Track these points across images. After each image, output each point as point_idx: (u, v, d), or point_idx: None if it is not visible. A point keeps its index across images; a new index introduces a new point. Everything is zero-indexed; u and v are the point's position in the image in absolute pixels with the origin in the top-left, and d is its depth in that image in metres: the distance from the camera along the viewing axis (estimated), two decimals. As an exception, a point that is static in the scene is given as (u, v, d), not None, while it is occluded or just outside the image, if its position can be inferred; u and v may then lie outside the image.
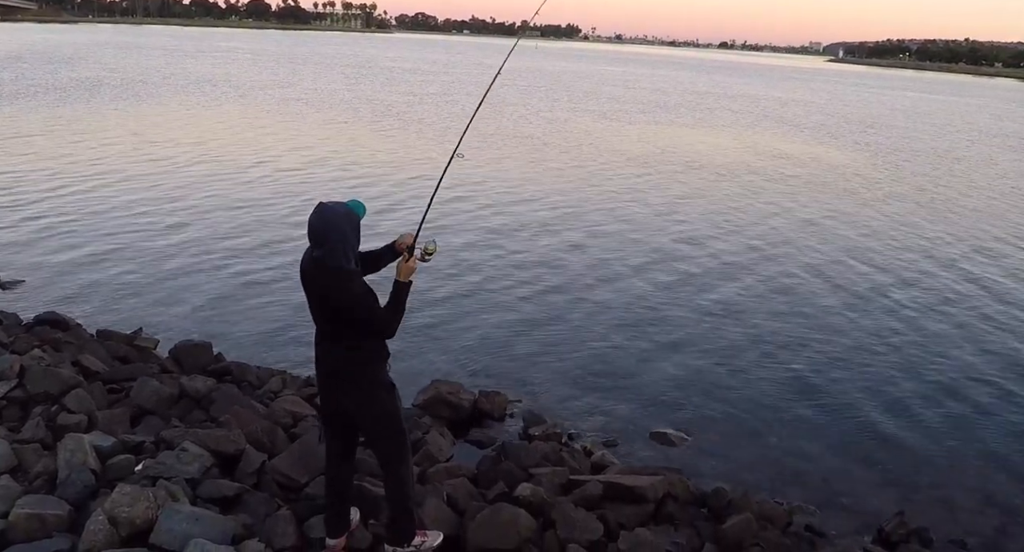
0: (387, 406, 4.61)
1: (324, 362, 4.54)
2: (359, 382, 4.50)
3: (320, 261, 4.28)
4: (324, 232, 4.23)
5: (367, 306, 4.32)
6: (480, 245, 14.49)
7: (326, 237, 4.23)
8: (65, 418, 6.26)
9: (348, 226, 4.27)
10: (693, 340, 10.74)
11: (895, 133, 41.67)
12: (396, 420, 4.66)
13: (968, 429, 8.71)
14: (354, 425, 4.72)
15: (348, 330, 4.40)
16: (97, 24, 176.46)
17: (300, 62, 75.08)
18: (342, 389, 4.52)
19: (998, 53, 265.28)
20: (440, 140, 27.74)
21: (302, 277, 4.45)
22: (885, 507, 7.01)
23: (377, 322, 4.38)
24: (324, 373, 4.57)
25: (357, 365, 4.48)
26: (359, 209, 4.38)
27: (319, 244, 4.26)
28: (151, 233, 14.16)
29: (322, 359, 4.54)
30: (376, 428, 4.67)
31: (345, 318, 4.37)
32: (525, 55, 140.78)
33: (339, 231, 4.23)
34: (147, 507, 4.73)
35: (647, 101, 53.63)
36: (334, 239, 4.23)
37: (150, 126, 27.67)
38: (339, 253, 4.25)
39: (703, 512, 6.44)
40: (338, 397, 4.57)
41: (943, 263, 15.40)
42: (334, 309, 4.37)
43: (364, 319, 4.35)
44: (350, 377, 4.49)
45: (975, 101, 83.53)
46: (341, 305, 4.32)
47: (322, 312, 4.46)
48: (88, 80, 42.89)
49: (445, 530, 5.26)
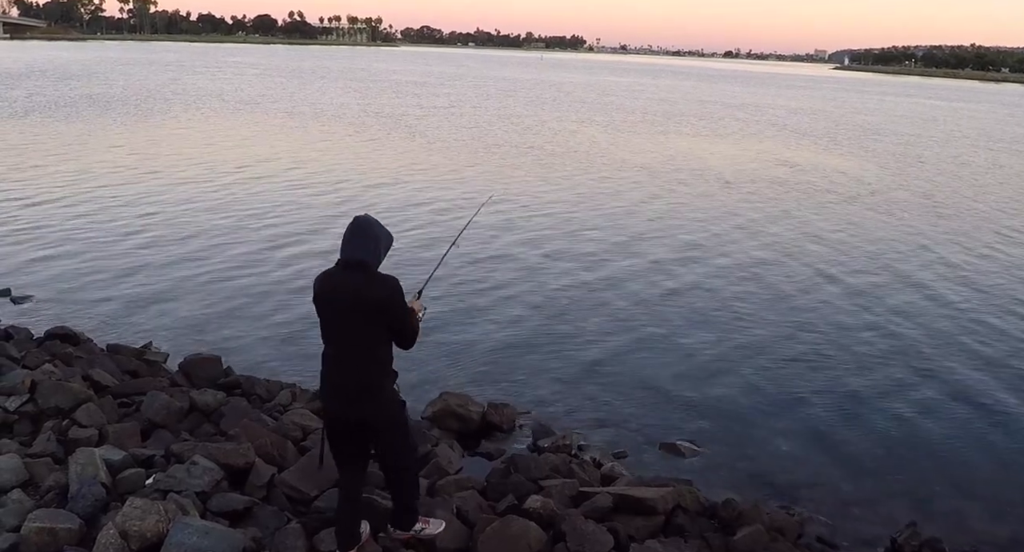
0: (401, 419, 4.88)
1: (345, 381, 4.63)
2: (379, 395, 4.67)
3: (358, 265, 4.44)
4: (368, 238, 4.47)
5: (403, 304, 4.57)
6: (487, 257, 14.50)
7: (368, 242, 4.47)
8: (76, 432, 6.29)
9: (386, 240, 4.58)
10: (702, 350, 10.71)
11: (902, 140, 41.57)
12: (407, 430, 4.96)
13: (981, 438, 8.64)
14: (368, 437, 4.81)
15: (376, 344, 4.57)
16: (105, 41, 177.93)
17: (307, 76, 75.54)
18: (363, 401, 4.63)
19: (1005, 58, 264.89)
20: (448, 155, 27.82)
21: (325, 293, 4.55)
22: (897, 517, 6.96)
23: (410, 323, 4.62)
24: (343, 395, 4.65)
25: (377, 379, 4.65)
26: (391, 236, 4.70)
27: (361, 247, 4.45)
28: (160, 247, 14.23)
29: (343, 379, 4.63)
30: (393, 438, 4.84)
31: (380, 320, 4.50)
32: (531, 66, 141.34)
33: (377, 242, 4.51)
34: (158, 521, 4.75)
35: (653, 111, 53.70)
36: (373, 247, 4.48)
37: (159, 141, 27.85)
38: (378, 259, 4.51)
39: (713, 524, 6.39)
40: (359, 409, 4.66)
41: (956, 270, 15.32)
42: (376, 317, 4.48)
43: (400, 317, 4.55)
44: (371, 390, 4.63)
45: (982, 107, 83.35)
46: (382, 305, 4.47)
47: (355, 325, 4.51)
48: (97, 96, 43.22)
49: (455, 544, 5.26)
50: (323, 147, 28.53)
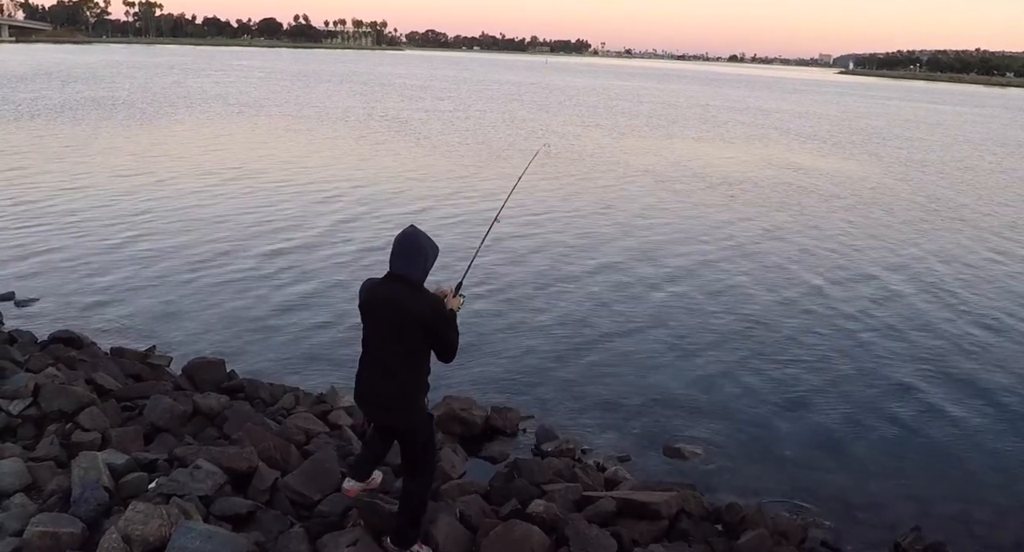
0: (426, 431, 4.97)
1: (378, 390, 4.78)
2: (406, 406, 4.80)
3: (404, 279, 4.55)
4: (417, 251, 4.56)
5: (448, 321, 4.63)
6: (490, 262, 14.49)
7: (417, 255, 4.55)
8: (79, 436, 6.30)
9: (433, 255, 4.66)
10: (705, 355, 10.70)
11: (906, 144, 41.53)
12: (431, 441, 5.05)
13: (985, 442, 8.62)
14: (395, 438, 5.11)
15: (411, 356, 4.66)
16: (111, 44, 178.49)
17: (313, 80, 75.67)
18: (391, 410, 4.82)
19: (1009, 63, 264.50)
20: (460, 161, 27.85)
21: (369, 302, 4.67)
22: (901, 521, 6.95)
23: (453, 336, 4.66)
24: (375, 393, 4.81)
25: (407, 390, 4.76)
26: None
27: (410, 261, 4.55)
28: (165, 251, 14.24)
29: (376, 387, 4.78)
30: (414, 449, 4.96)
31: (422, 334, 4.57)
32: (536, 70, 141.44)
33: (426, 255, 4.59)
34: (160, 525, 4.74)
35: (658, 115, 53.70)
36: (421, 260, 4.57)
37: (165, 145, 27.91)
38: (425, 273, 4.61)
39: (717, 528, 6.39)
40: (386, 416, 4.92)
41: (958, 274, 15.29)
42: (416, 331, 4.55)
43: (444, 333, 4.62)
44: (400, 401, 4.77)
45: (986, 111, 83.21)
46: (423, 320, 4.53)
47: (395, 336, 4.61)
48: (103, 99, 43.32)
49: (458, 548, 5.25)
50: (327, 152, 28.57)
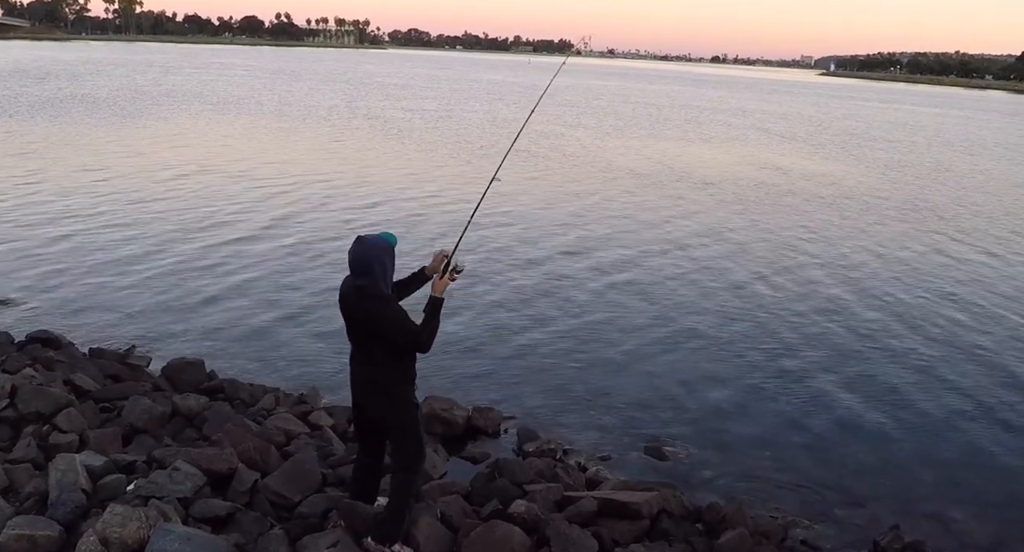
0: (411, 420, 5.04)
1: (360, 380, 5.01)
2: (388, 397, 4.94)
3: (362, 288, 4.74)
4: (368, 263, 4.70)
5: (404, 327, 4.75)
6: (471, 261, 14.48)
7: (370, 267, 4.70)
8: (56, 437, 6.24)
9: (387, 257, 4.77)
10: (687, 355, 10.74)
11: (885, 145, 41.86)
12: (417, 434, 5.10)
13: (964, 441, 8.71)
14: (383, 432, 5.15)
15: (383, 351, 4.83)
16: (90, 41, 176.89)
17: (296, 78, 75.33)
18: (375, 403, 5.00)
19: (988, 65, 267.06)
20: (444, 158, 27.81)
21: (343, 303, 4.91)
22: (880, 520, 7.00)
23: (412, 337, 4.76)
24: (360, 391, 5.06)
25: (387, 381, 4.92)
26: (392, 240, 4.85)
27: (363, 273, 4.72)
28: (144, 251, 14.13)
29: (358, 377, 5.02)
30: (399, 439, 5.07)
31: (384, 338, 4.78)
32: (519, 70, 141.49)
33: (380, 262, 4.72)
34: (139, 527, 4.70)
35: (642, 115, 53.84)
36: (376, 270, 4.71)
37: (142, 144, 27.68)
38: (379, 281, 4.73)
39: (698, 528, 6.40)
40: (371, 409, 5.05)
41: (936, 273, 15.44)
42: (374, 331, 4.79)
43: (402, 338, 4.77)
44: (382, 393, 4.93)
45: (965, 113, 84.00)
46: (382, 328, 4.76)
47: (361, 335, 4.91)
48: (83, 97, 42.92)
49: (439, 548, 5.25)
50: (308, 150, 28.47)
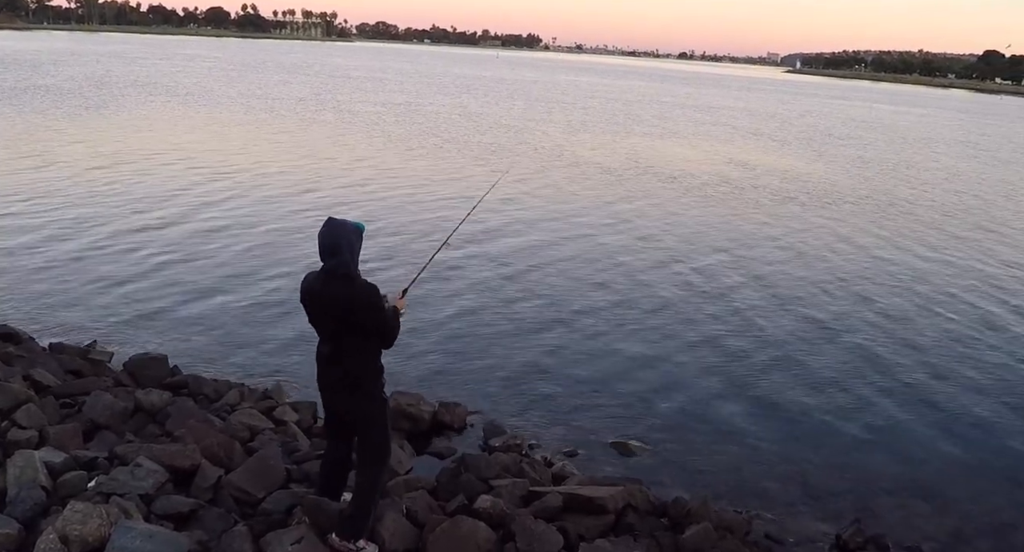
0: (379, 415, 5.03)
1: (328, 375, 4.94)
2: (357, 391, 4.91)
3: (332, 271, 4.69)
4: (337, 242, 4.67)
5: (374, 303, 4.70)
6: (439, 260, 14.42)
7: (339, 247, 4.66)
8: (15, 434, 6.12)
9: (356, 239, 4.75)
10: (652, 350, 10.81)
11: (848, 142, 42.40)
12: (384, 429, 5.09)
13: (924, 437, 8.86)
14: (351, 427, 5.12)
15: (352, 344, 4.79)
16: (52, 31, 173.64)
17: (262, 70, 74.57)
18: (344, 398, 4.95)
19: (951, 64, 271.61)
20: (417, 151, 27.69)
21: (308, 297, 4.83)
22: (843, 515, 7.12)
23: (382, 315, 4.73)
24: (328, 386, 4.99)
25: (356, 376, 4.87)
26: (361, 226, 4.84)
27: (332, 253, 4.67)
28: (106, 243, 13.93)
29: (327, 372, 4.94)
30: (367, 431, 5.05)
31: (353, 325, 4.71)
32: (488, 64, 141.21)
33: (349, 242, 4.69)
34: (100, 524, 4.64)
35: (611, 111, 54.01)
36: (345, 249, 4.67)
37: (105, 135, 27.25)
38: (349, 262, 4.69)
39: (663, 522, 6.46)
40: (340, 403, 5.01)
41: (897, 271, 15.68)
42: (342, 316, 4.70)
43: (373, 317, 4.71)
44: (351, 387, 4.89)
45: (928, 111, 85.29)
46: (353, 307, 4.67)
47: (328, 325, 4.82)
48: (49, 87, 42.15)
49: (404, 544, 5.24)
50: (274, 143, 28.18)
